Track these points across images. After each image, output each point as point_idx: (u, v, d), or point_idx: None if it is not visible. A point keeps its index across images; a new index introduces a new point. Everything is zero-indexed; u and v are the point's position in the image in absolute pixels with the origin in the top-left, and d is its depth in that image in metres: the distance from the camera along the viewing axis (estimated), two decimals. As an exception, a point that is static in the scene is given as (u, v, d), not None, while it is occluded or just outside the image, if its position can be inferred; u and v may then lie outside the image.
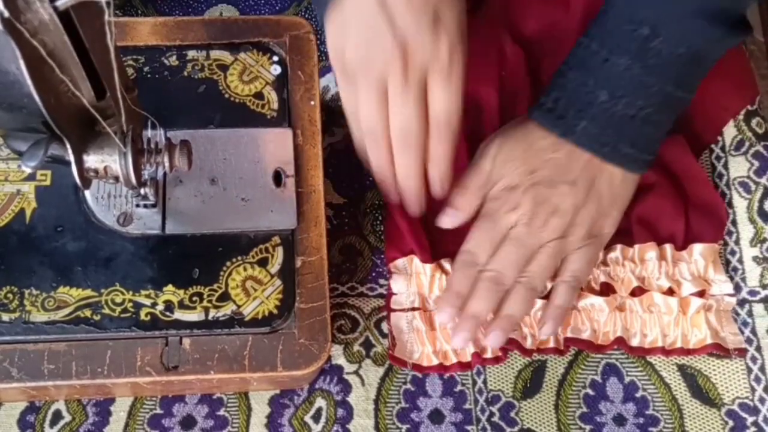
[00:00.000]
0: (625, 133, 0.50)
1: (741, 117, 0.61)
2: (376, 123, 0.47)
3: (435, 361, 0.53)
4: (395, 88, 0.46)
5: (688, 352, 0.54)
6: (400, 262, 0.55)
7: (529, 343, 0.53)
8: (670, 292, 0.54)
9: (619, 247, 0.55)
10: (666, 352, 0.53)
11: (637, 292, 0.54)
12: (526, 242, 0.51)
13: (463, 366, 0.53)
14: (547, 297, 0.53)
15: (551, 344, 0.53)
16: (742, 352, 0.54)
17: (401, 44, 0.44)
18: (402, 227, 0.55)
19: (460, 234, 0.56)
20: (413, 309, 0.54)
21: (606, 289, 0.54)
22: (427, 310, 0.55)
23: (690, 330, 0.54)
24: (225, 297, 0.48)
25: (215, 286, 0.49)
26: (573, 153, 0.51)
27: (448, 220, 0.54)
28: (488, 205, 0.53)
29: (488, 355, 0.53)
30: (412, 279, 0.55)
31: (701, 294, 0.54)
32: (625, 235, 0.55)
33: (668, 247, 0.55)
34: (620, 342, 0.53)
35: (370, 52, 0.45)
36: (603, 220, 0.53)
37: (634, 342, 0.54)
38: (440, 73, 0.46)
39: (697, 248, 0.56)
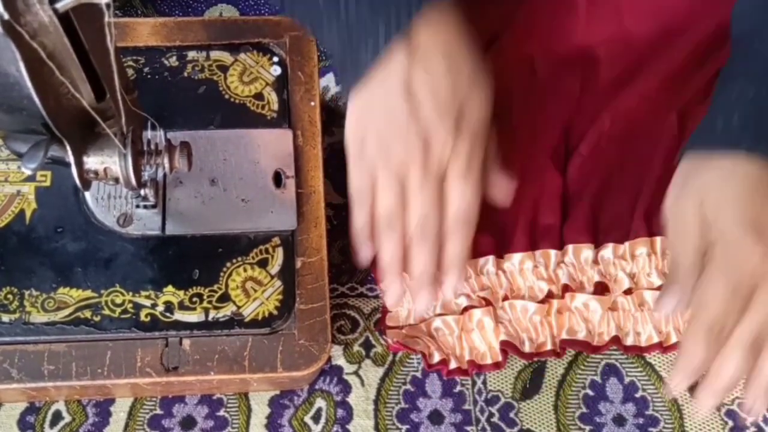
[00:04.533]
0: None
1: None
2: (394, 211, 0.47)
3: (437, 358, 0.53)
4: (414, 179, 0.45)
5: None
6: None
7: (527, 347, 0.53)
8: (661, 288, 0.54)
9: (610, 245, 0.55)
10: (664, 348, 0.53)
11: (629, 290, 0.54)
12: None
13: (462, 372, 0.53)
14: (543, 301, 0.53)
15: (548, 346, 0.53)
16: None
17: (424, 138, 0.45)
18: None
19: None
20: (409, 326, 0.54)
21: (601, 289, 0.54)
22: (424, 320, 0.54)
23: (682, 325, 0.54)
24: (225, 298, 0.48)
25: (215, 287, 0.49)
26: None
27: (669, 303, 0.47)
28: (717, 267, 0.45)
29: (488, 361, 0.53)
30: (406, 295, 0.55)
31: None
32: (617, 231, 0.55)
33: (659, 240, 0.56)
34: (615, 342, 0.53)
35: (392, 141, 0.45)
36: None
37: (629, 341, 0.54)
38: (458, 171, 0.46)
39: None
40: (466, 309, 0.53)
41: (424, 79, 0.44)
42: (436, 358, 0.53)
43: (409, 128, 0.45)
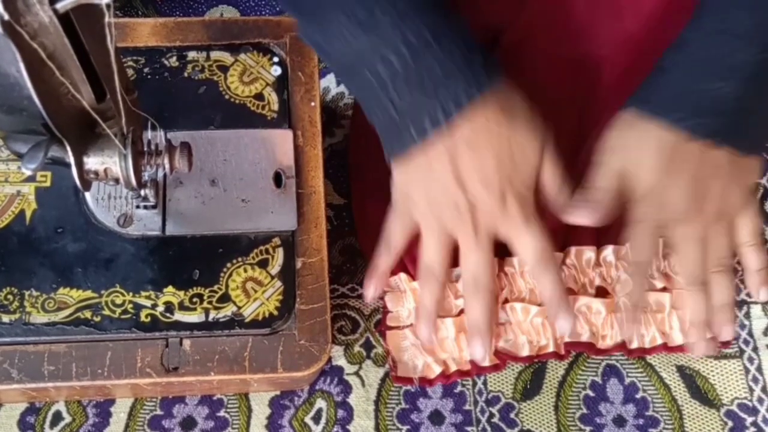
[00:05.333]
0: (741, 123, 0.51)
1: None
2: (440, 265, 0.51)
3: (437, 370, 0.53)
4: (466, 242, 0.50)
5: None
6: (392, 280, 0.55)
7: (527, 350, 0.53)
8: (663, 289, 0.54)
9: (611, 247, 0.55)
10: (669, 348, 0.53)
11: None
12: (696, 236, 0.52)
13: (463, 374, 0.53)
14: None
15: (551, 348, 0.53)
16: (726, 345, 0.54)
17: (472, 208, 0.49)
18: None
19: None
20: (410, 326, 0.54)
21: (603, 292, 0.54)
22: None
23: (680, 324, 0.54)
24: (225, 298, 0.48)
25: (215, 288, 0.49)
26: (690, 144, 0.51)
27: (581, 214, 0.52)
28: (638, 211, 0.53)
29: (486, 363, 0.53)
30: (406, 295, 0.55)
31: None
32: (618, 233, 0.55)
33: (660, 241, 0.55)
34: (621, 347, 0.53)
35: (442, 208, 0.49)
36: (746, 173, 0.53)
37: (633, 344, 0.54)
38: (513, 229, 0.50)
39: None
40: (462, 312, 0.53)
41: (469, 156, 0.48)
42: (436, 370, 0.53)
43: (458, 199, 0.49)
